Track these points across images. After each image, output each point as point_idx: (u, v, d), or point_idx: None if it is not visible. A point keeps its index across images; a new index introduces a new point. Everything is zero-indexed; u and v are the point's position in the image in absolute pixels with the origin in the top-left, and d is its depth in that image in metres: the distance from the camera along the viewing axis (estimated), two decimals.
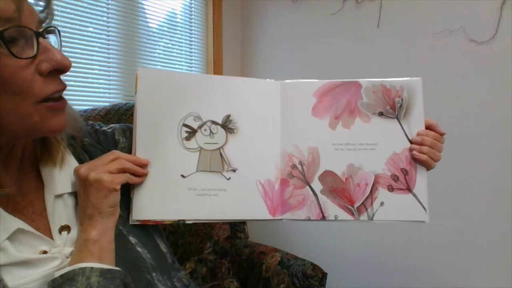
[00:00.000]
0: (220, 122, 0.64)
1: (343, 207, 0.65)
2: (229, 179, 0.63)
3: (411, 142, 0.65)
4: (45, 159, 0.54)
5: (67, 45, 1.35)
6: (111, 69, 1.52)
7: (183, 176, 0.61)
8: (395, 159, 0.65)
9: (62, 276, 0.46)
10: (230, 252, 1.24)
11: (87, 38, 1.43)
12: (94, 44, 1.45)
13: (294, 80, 0.67)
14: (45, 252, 0.49)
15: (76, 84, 1.41)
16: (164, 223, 0.61)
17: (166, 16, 1.74)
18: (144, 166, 0.58)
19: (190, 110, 0.62)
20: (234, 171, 0.63)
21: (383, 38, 1.54)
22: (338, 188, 0.65)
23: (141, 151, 0.59)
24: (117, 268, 0.50)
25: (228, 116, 0.64)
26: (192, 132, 0.62)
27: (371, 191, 0.65)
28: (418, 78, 0.66)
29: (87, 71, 1.44)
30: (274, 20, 1.90)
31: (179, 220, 0.60)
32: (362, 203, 0.65)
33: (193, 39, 1.87)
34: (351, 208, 0.65)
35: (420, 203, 0.65)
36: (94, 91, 1.48)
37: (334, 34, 1.68)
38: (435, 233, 1.42)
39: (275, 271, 1.10)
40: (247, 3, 2.01)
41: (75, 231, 0.53)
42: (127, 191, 0.58)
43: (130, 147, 0.63)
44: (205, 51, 1.92)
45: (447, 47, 1.38)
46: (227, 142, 0.64)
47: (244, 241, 1.28)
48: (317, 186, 0.65)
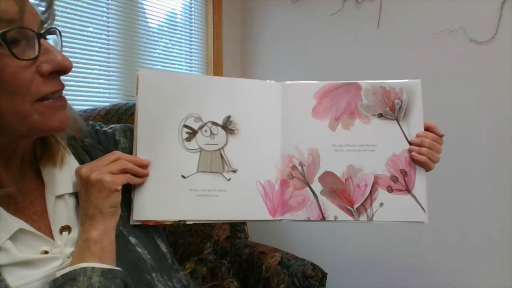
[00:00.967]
0: (220, 123, 0.64)
1: (342, 208, 0.65)
2: (229, 179, 0.63)
3: (410, 143, 0.65)
4: (45, 159, 0.54)
5: (67, 45, 1.35)
6: (111, 69, 1.52)
7: (183, 176, 0.61)
8: (394, 160, 0.65)
9: (63, 276, 0.46)
10: (230, 252, 1.24)
11: (87, 38, 1.43)
12: (94, 44, 1.45)
13: (294, 82, 0.67)
14: (46, 252, 0.49)
15: (76, 84, 1.41)
16: (165, 223, 0.61)
17: (166, 16, 1.74)
18: (145, 166, 0.58)
19: (191, 111, 0.62)
20: (235, 172, 0.63)
21: (383, 38, 1.54)
22: (338, 189, 0.65)
23: (142, 151, 0.59)
24: (118, 268, 0.50)
25: (228, 117, 0.64)
26: (192, 133, 0.62)
27: (370, 192, 0.65)
28: (417, 80, 0.66)
29: (87, 71, 1.44)
30: (274, 20, 1.90)
31: (180, 221, 0.61)
32: (362, 203, 0.65)
33: (193, 39, 1.87)
34: (351, 208, 0.65)
35: (419, 204, 0.65)
36: (94, 91, 1.48)
37: (334, 34, 1.68)
38: (435, 233, 1.42)
39: (275, 271, 1.11)
40: (247, 3, 2.01)
41: (75, 232, 0.53)
42: (127, 191, 0.58)
43: (130, 148, 0.63)
44: (205, 51, 1.92)
45: (447, 47, 1.38)
46: (228, 143, 0.64)
47: (244, 241, 1.28)
48: (317, 187, 0.65)
